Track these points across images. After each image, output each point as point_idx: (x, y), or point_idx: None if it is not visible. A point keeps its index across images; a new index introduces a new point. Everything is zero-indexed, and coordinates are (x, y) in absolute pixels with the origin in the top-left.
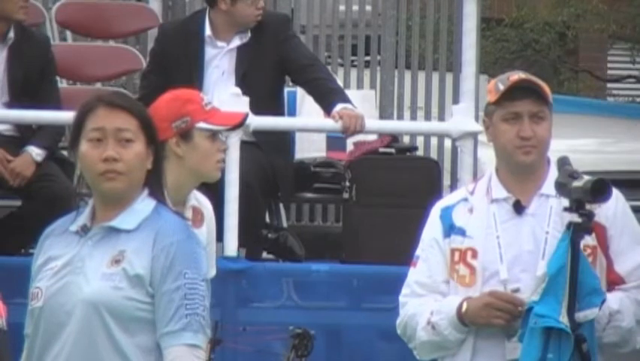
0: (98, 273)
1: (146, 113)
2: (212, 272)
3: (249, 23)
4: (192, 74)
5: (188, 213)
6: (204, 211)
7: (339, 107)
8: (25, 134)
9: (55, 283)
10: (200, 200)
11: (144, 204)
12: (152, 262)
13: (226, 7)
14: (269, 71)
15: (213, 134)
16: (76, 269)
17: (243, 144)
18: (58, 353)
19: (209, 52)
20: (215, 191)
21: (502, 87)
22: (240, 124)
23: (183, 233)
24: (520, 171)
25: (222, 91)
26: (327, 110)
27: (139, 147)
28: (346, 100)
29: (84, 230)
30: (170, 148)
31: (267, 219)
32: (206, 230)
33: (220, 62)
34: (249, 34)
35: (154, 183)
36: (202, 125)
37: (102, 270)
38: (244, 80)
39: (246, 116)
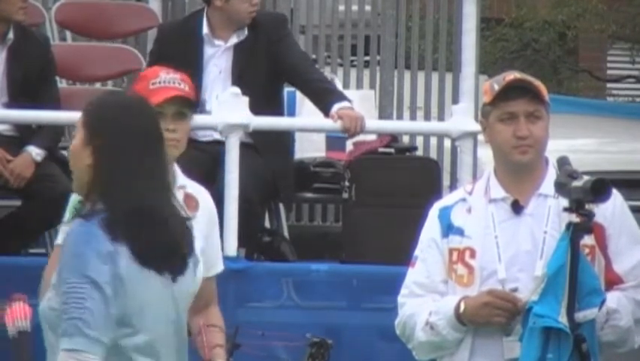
0: None
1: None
2: (219, 268)
3: (243, 20)
4: (191, 73)
5: (179, 197)
6: (199, 198)
7: (336, 107)
8: (25, 134)
9: None
10: (197, 188)
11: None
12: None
13: (221, 4)
14: (264, 70)
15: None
16: None
17: (240, 148)
18: None
19: (208, 51)
20: (214, 191)
21: (497, 87)
22: (172, 100)
23: (69, 236)
24: (518, 171)
25: (220, 90)
26: (325, 111)
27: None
28: (342, 98)
29: None
30: None
31: (267, 219)
32: (202, 220)
33: (218, 60)
34: (246, 32)
35: None
36: None
37: None
38: (240, 80)
39: (181, 95)
